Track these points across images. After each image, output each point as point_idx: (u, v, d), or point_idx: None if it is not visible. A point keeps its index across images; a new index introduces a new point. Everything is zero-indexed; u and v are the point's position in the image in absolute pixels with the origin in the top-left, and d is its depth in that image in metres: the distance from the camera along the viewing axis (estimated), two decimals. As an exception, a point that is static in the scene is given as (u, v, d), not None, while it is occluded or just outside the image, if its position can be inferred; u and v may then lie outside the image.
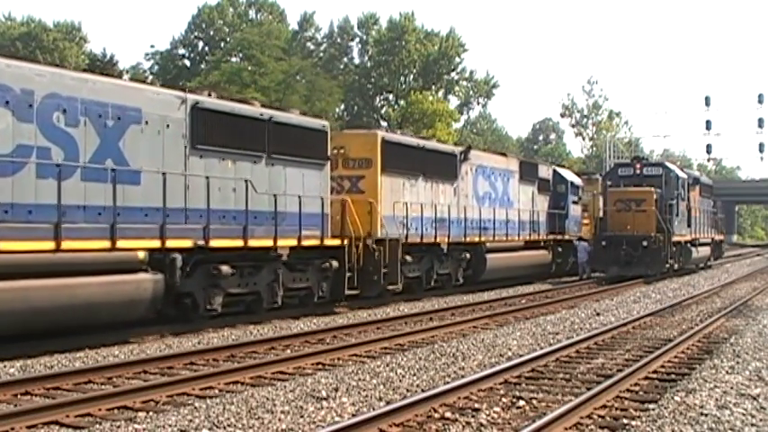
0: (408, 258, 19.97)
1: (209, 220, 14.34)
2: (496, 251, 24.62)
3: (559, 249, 29.70)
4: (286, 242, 16.20)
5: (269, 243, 15.78)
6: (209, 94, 15.37)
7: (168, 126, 13.99)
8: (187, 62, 65.04)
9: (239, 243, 15.06)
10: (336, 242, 17.56)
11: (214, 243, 14.42)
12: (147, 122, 13.60)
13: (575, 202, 31.21)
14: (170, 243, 13.61)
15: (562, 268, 30.13)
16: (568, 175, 32.02)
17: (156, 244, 13.41)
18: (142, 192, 13.41)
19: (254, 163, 15.68)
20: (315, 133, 17.40)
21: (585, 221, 32.69)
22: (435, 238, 21.58)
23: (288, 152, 16.39)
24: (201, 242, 14.19)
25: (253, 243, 15.29)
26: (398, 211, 19.95)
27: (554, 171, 30.87)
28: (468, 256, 23.20)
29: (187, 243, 13.95)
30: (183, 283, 13.96)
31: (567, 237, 30.05)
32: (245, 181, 15.16)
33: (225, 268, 14.59)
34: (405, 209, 20.12)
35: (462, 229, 23.00)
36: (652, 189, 29.01)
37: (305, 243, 16.65)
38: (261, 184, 15.66)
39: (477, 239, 23.71)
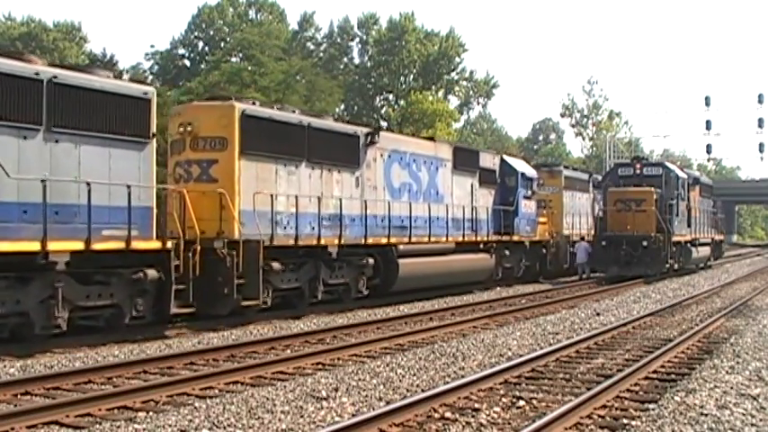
0: (276, 265, 15.89)
1: None
2: (414, 255, 20.37)
3: (506, 252, 25.65)
4: (63, 245, 12.00)
5: (34, 247, 11.63)
6: None
7: None
8: (187, 62, 65.01)
9: None
10: (154, 245, 13.36)
11: None
12: None
13: (527, 198, 26.76)
14: None
15: (511, 274, 26.42)
16: (520, 165, 27.44)
17: None
18: None
19: (22, 138, 11.75)
20: (131, 102, 13.35)
21: (543, 220, 28.62)
22: (319, 239, 17.33)
23: (83, 125, 12.50)
24: None
25: (2, 247, 11.21)
26: (263, 204, 15.96)
27: (502, 160, 26.38)
28: (371, 261, 19.06)
29: None
30: None
31: (516, 238, 25.94)
32: None
33: None
34: (272, 202, 16.13)
35: (363, 229, 18.81)
36: (652, 189, 29.04)
37: (98, 246, 12.39)
38: (35, 165, 11.82)
39: (384, 241, 19.53)
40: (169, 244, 13.58)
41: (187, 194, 14.40)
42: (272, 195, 16.14)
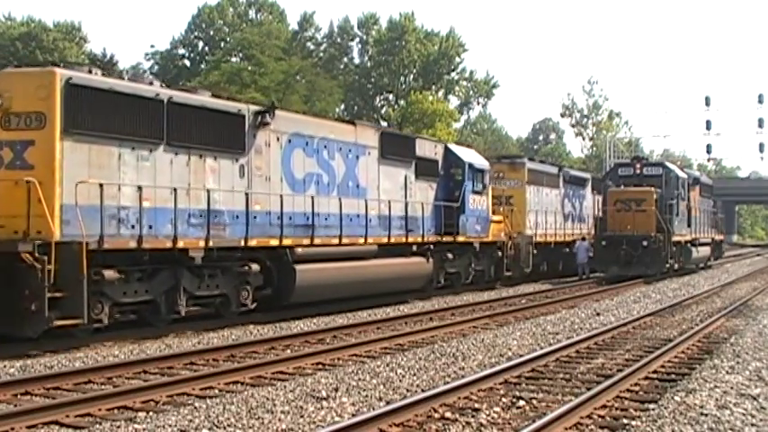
0: (111, 274, 12.80)
1: None
2: (318, 260, 17.00)
3: (449, 255, 22.23)
4: None
5: None
6: None
7: None
8: (187, 62, 65.15)
9: None
10: None
11: None
12: None
13: (477, 192, 23.14)
14: None
15: (458, 281, 23.17)
16: (467, 155, 23.62)
17: None
18: None
19: None
20: None
21: (497, 218, 24.81)
22: (175, 240, 13.81)
23: None
24: None
25: None
26: (94, 197, 12.67)
27: (446, 149, 22.82)
28: (256, 267, 15.64)
29: None
30: None
31: (461, 239, 22.36)
32: None
33: None
34: (102, 194, 12.69)
35: (244, 228, 15.29)
36: (652, 189, 29.06)
37: None
38: None
39: (274, 243, 15.99)
40: None
41: None
42: (101, 185, 12.72)
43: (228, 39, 63.02)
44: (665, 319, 16.55)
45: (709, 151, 65.98)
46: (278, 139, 16.56)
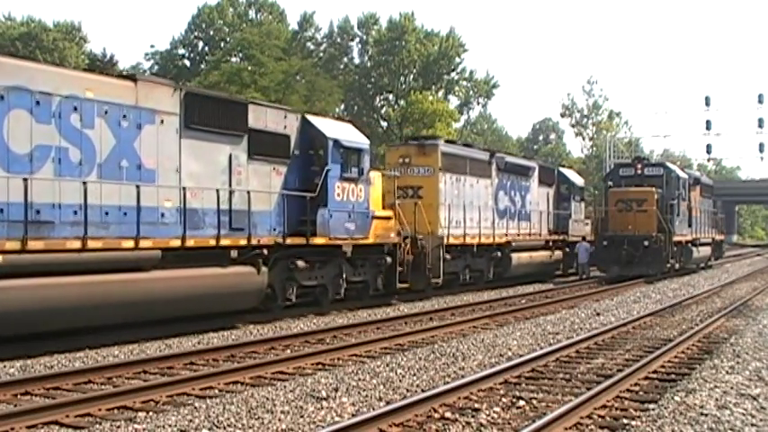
0: None
1: None
2: (43, 273, 11.59)
3: (299, 263, 16.49)
4: None
5: None
6: None
7: None
8: (187, 62, 65.12)
9: None
10: None
11: None
12: None
13: (349, 180, 17.62)
14: None
15: (323, 296, 17.70)
16: (334, 129, 17.78)
17: None
18: None
19: None
20: None
21: (385, 214, 19.33)
22: None
23: None
24: None
25: None
26: None
27: (303, 121, 17.15)
28: None
29: None
30: None
31: (319, 240, 16.76)
32: None
33: None
34: None
35: None
36: (653, 189, 29.12)
37: None
38: None
39: None
40: None
41: None
42: None
43: (228, 39, 62.99)
44: (666, 319, 16.55)
45: (709, 151, 65.88)
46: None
